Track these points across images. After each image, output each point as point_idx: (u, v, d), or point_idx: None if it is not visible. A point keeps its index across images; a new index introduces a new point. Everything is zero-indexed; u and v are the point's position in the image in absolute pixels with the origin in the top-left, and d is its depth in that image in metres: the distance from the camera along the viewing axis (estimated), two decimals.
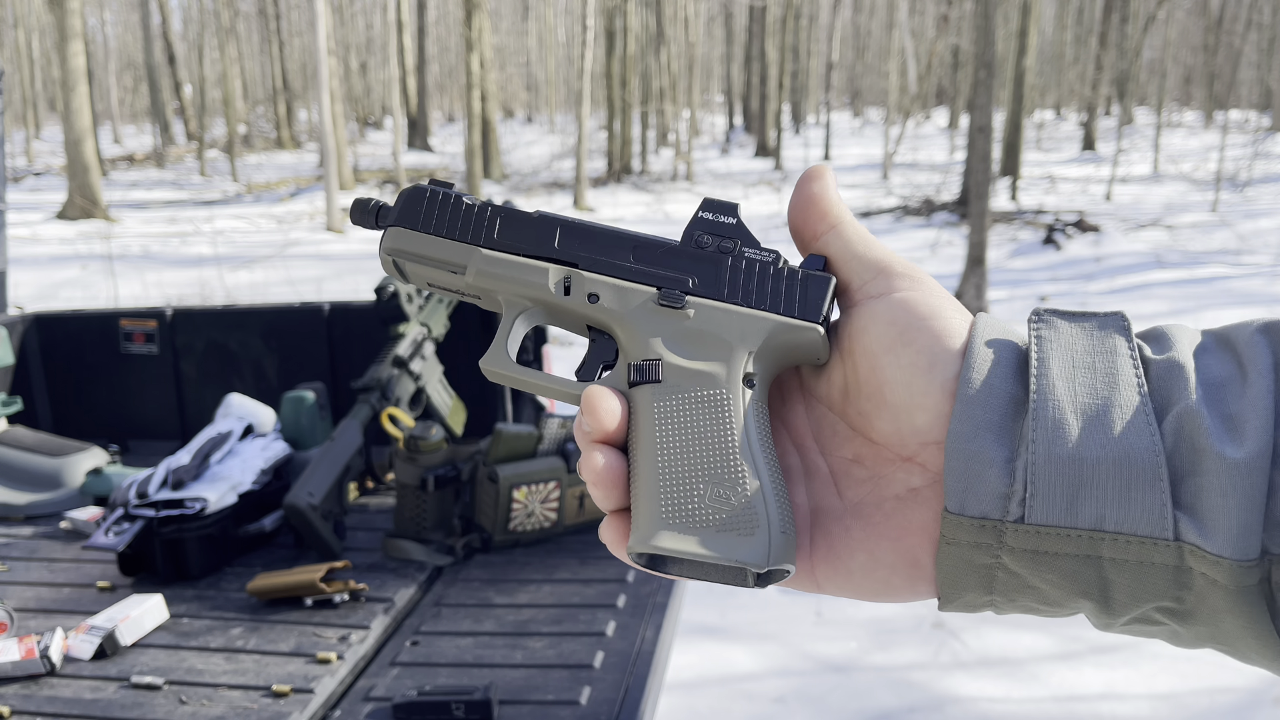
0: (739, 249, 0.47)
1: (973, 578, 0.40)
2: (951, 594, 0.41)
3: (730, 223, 0.48)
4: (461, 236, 0.49)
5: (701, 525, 0.43)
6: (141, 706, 1.62)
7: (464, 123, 15.50)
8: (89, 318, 3.05)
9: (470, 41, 13.74)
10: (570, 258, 0.48)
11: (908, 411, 0.42)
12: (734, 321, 0.46)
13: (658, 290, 0.47)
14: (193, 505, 2.12)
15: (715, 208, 0.48)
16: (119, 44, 47.35)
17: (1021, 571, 0.39)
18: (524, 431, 2.25)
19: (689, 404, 0.45)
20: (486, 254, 0.48)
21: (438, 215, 0.49)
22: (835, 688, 2.99)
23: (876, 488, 0.45)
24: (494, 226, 0.49)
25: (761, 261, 0.47)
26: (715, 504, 0.43)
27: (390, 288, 2.52)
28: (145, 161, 23.37)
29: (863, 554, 0.44)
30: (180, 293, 9.06)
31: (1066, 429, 0.38)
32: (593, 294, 0.47)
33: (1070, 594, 0.39)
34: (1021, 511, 0.38)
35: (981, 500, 0.39)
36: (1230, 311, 8.36)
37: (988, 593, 0.41)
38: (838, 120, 36.10)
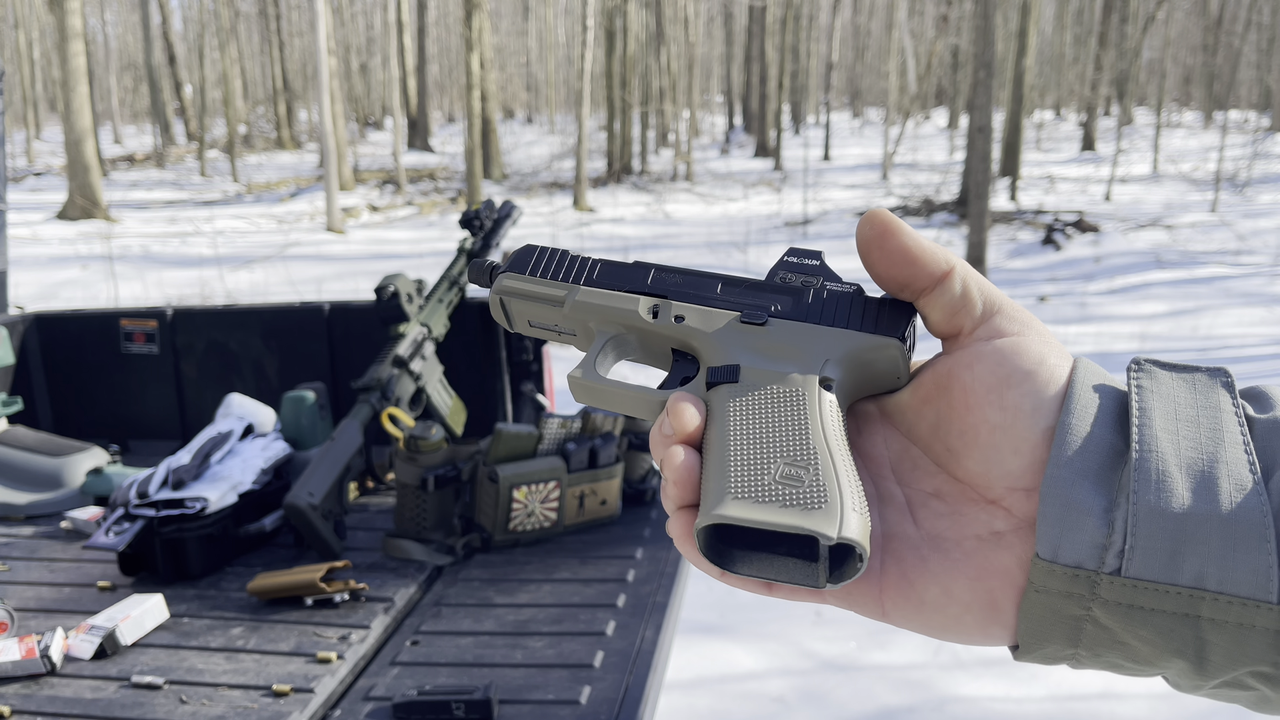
0: (821, 283, 0.50)
1: (1059, 629, 0.39)
2: (1032, 643, 0.40)
3: (813, 264, 0.50)
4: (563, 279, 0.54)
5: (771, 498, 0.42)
6: (142, 706, 1.62)
7: (464, 123, 15.50)
8: (89, 318, 3.05)
9: (470, 41, 13.74)
10: (661, 290, 0.52)
11: (1000, 454, 0.41)
12: (812, 336, 0.48)
13: (739, 313, 0.50)
14: (193, 505, 2.12)
15: (800, 254, 0.51)
16: (119, 44, 47.36)
17: (1113, 626, 0.38)
18: (524, 431, 2.25)
19: (765, 398, 0.46)
20: (584, 289, 0.53)
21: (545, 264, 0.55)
22: (835, 687, 2.99)
23: (956, 524, 0.43)
24: (594, 271, 0.54)
25: (844, 292, 0.49)
26: (786, 480, 0.42)
27: (390, 288, 2.53)
28: (146, 162, 23.37)
29: (937, 588, 0.42)
30: (180, 293, 9.06)
31: (1170, 482, 0.37)
32: (679, 316, 0.51)
33: (1163, 652, 0.38)
34: (1119, 564, 0.37)
35: (1077, 549, 0.38)
36: (1230, 312, 8.36)
37: (1072, 645, 0.40)
38: (837, 120, 36.10)
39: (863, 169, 19.97)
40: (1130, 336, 7.70)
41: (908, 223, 6.50)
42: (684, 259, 10.94)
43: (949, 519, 0.44)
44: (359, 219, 14.22)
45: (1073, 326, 8.03)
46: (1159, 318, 8.34)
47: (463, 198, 15.42)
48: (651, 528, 2.35)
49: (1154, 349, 7.33)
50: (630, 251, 11.07)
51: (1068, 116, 33.77)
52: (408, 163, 20.50)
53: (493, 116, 18.51)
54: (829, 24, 24.97)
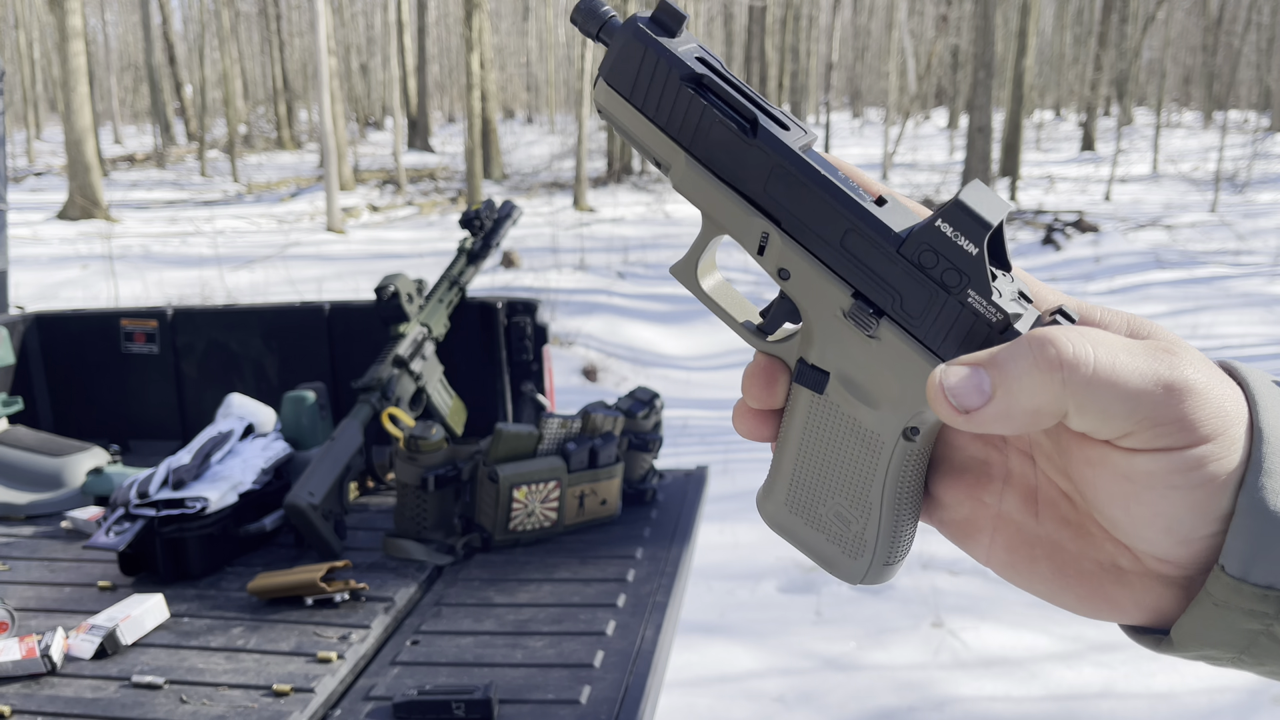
0: (963, 288, 0.40)
1: (1231, 638, 0.37)
2: (1191, 645, 0.38)
3: (970, 252, 0.39)
4: (669, 129, 0.43)
5: (818, 527, 0.45)
6: (142, 706, 1.62)
7: (464, 123, 15.50)
8: (90, 318, 3.05)
9: (470, 42, 13.74)
10: (775, 211, 0.42)
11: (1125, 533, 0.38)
12: (917, 371, 0.41)
13: (851, 298, 0.41)
14: (193, 505, 2.12)
15: (961, 222, 0.39)
16: (120, 44, 47.36)
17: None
18: (524, 431, 2.26)
19: (842, 428, 0.43)
20: (690, 166, 0.43)
21: (650, 88, 0.43)
22: (835, 687, 2.99)
23: (1079, 539, 0.41)
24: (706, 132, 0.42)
25: (981, 316, 0.40)
26: (836, 519, 0.44)
27: (390, 288, 2.53)
28: (146, 162, 23.37)
29: (1042, 586, 0.42)
30: (181, 293, 9.07)
31: None
32: (784, 270, 0.43)
33: None
34: None
35: (1271, 569, 0.35)
36: (1230, 312, 8.36)
37: (1238, 652, 0.38)
38: (837, 120, 36.10)
39: (863, 169, 19.90)
40: None
41: None
42: None
43: (1073, 531, 0.41)
44: (359, 219, 14.22)
45: None
46: (1159, 318, 8.34)
47: (463, 198, 15.42)
48: (651, 528, 2.35)
49: None
50: (630, 251, 11.07)
51: (1067, 116, 33.77)
52: (408, 163, 20.49)
53: (493, 116, 18.51)
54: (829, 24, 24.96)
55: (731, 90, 0.42)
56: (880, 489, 0.43)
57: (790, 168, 0.42)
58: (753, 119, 0.42)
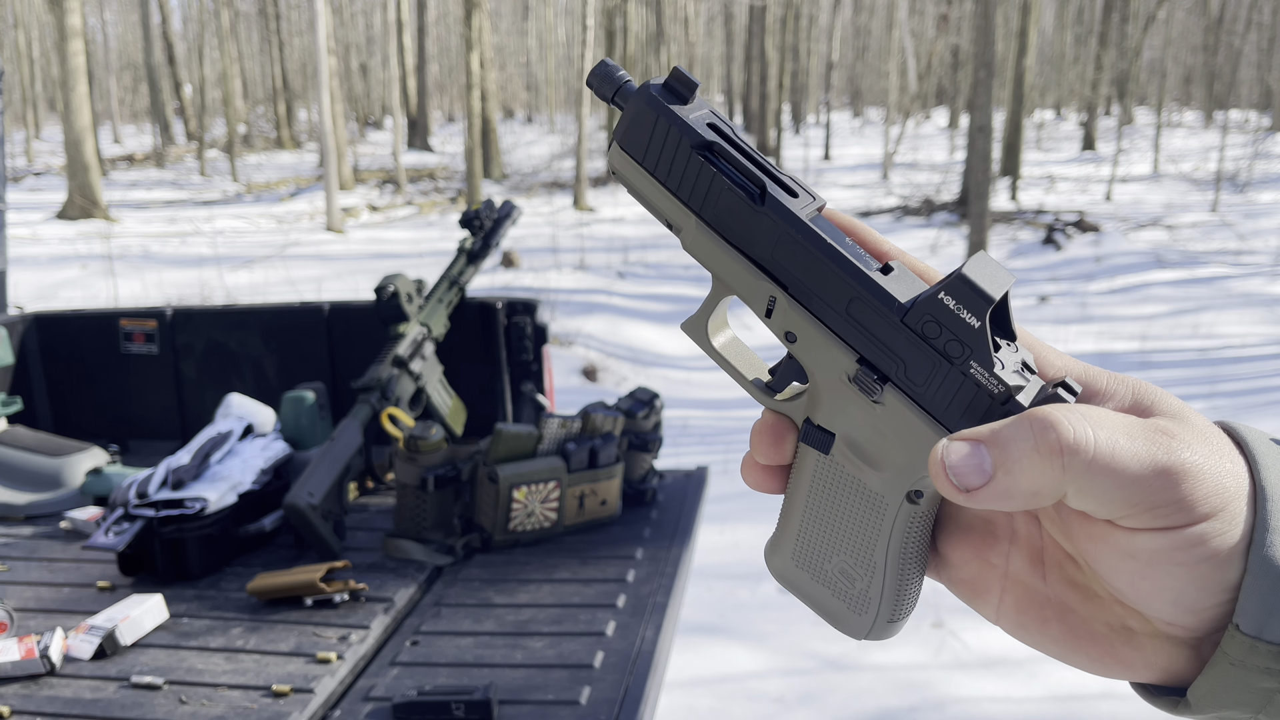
0: (965, 360, 0.40)
1: (1247, 697, 0.37)
2: (1209, 705, 0.38)
3: (972, 325, 0.40)
4: (679, 192, 0.44)
5: (824, 583, 0.46)
6: (141, 706, 1.62)
7: (464, 122, 15.50)
8: (89, 318, 3.05)
9: (470, 41, 13.74)
10: (782, 276, 0.43)
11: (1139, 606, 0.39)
12: (921, 436, 0.41)
13: (856, 364, 0.42)
14: (193, 505, 2.12)
15: (964, 296, 0.39)
16: (119, 44, 47.35)
17: None
18: (524, 431, 2.25)
19: (848, 488, 0.44)
20: (700, 230, 0.44)
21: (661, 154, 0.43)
22: (835, 687, 2.99)
23: (1087, 602, 0.41)
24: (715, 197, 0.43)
25: (984, 388, 0.40)
26: (841, 576, 0.45)
27: (390, 288, 2.52)
28: (145, 161, 23.37)
29: (1053, 646, 0.42)
30: (180, 293, 9.06)
31: None
32: (791, 333, 0.43)
33: None
34: None
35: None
36: (1230, 312, 8.36)
37: (1255, 712, 0.38)
38: (837, 120, 36.10)
39: (863, 168, 19.96)
40: (1130, 336, 7.70)
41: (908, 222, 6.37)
42: (684, 258, 10.93)
43: (1080, 594, 0.42)
44: (359, 219, 14.22)
45: (1073, 326, 8.03)
46: (1159, 318, 8.33)
47: (462, 197, 15.42)
48: (651, 528, 2.35)
49: (1154, 349, 7.33)
50: (630, 251, 11.07)
51: (1068, 116, 33.78)
52: (407, 162, 20.50)
53: (492, 116, 18.50)
54: (829, 23, 24.96)
55: (741, 158, 0.43)
56: (885, 548, 0.44)
57: (797, 236, 0.42)
58: (761, 187, 0.43)
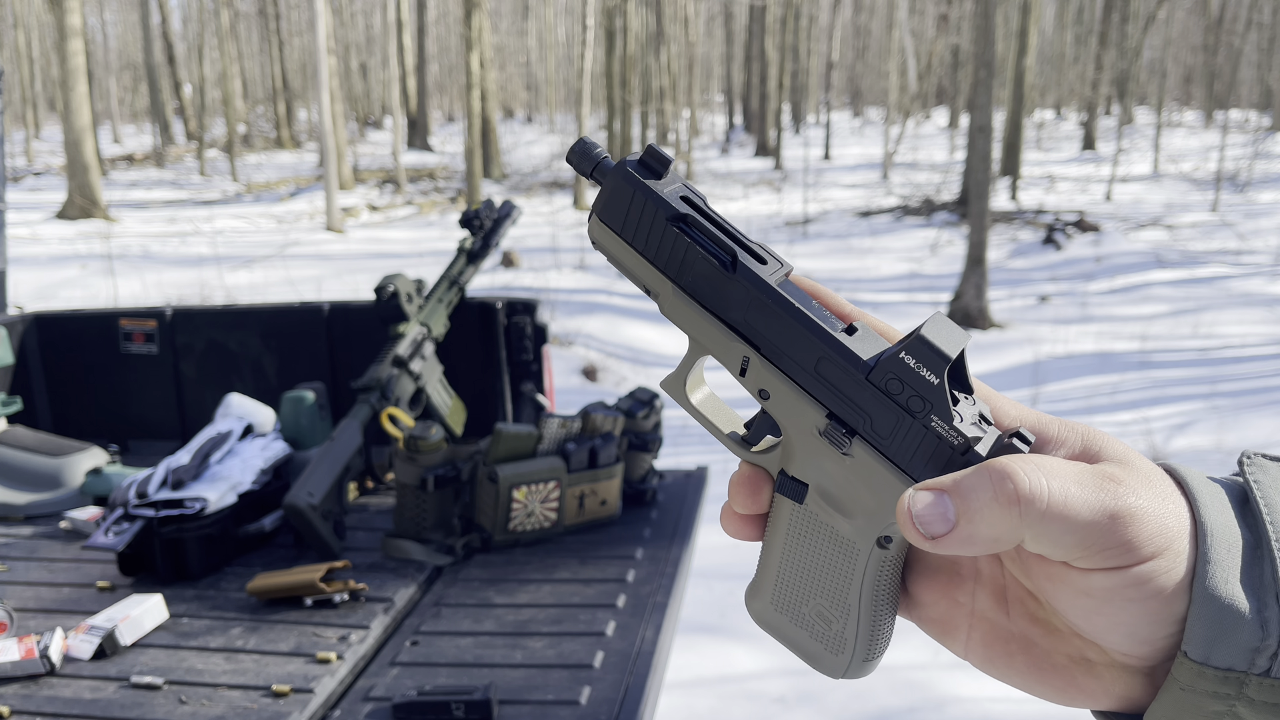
0: (927, 414, 0.43)
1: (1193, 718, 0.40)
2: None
3: (932, 382, 0.43)
4: (657, 262, 0.46)
5: (801, 625, 0.48)
6: (141, 706, 1.62)
7: (464, 122, 15.50)
8: (89, 318, 3.05)
9: (470, 41, 13.74)
10: (754, 338, 0.46)
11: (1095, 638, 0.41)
12: (888, 485, 0.44)
13: (826, 419, 0.45)
14: (192, 505, 2.12)
15: (923, 355, 0.43)
16: (119, 44, 47.35)
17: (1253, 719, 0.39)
18: (524, 431, 2.25)
19: (821, 535, 0.46)
20: (677, 295, 0.47)
21: (638, 225, 0.46)
22: (835, 687, 2.99)
23: (1049, 636, 0.44)
24: (690, 266, 0.46)
25: (944, 440, 0.43)
26: (818, 618, 0.48)
27: (390, 288, 2.52)
28: (145, 161, 23.36)
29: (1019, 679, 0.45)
30: (180, 292, 9.06)
31: None
32: (764, 390, 0.46)
33: None
34: (1269, 665, 0.37)
35: (1230, 653, 0.38)
36: (1230, 312, 8.36)
37: None
38: (838, 120, 36.10)
39: (863, 168, 19.97)
40: (1131, 336, 7.70)
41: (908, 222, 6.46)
42: None
43: (1042, 628, 0.44)
44: (358, 218, 14.22)
45: (1073, 326, 8.03)
46: (1159, 317, 8.34)
47: (462, 197, 15.42)
48: (651, 528, 2.35)
49: (1154, 349, 7.33)
50: None
51: (1068, 116, 33.78)
52: (407, 162, 20.50)
53: (492, 116, 18.51)
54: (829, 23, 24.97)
55: (713, 228, 0.46)
56: (858, 591, 0.46)
57: (767, 300, 0.45)
58: (732, 255, 0.45)
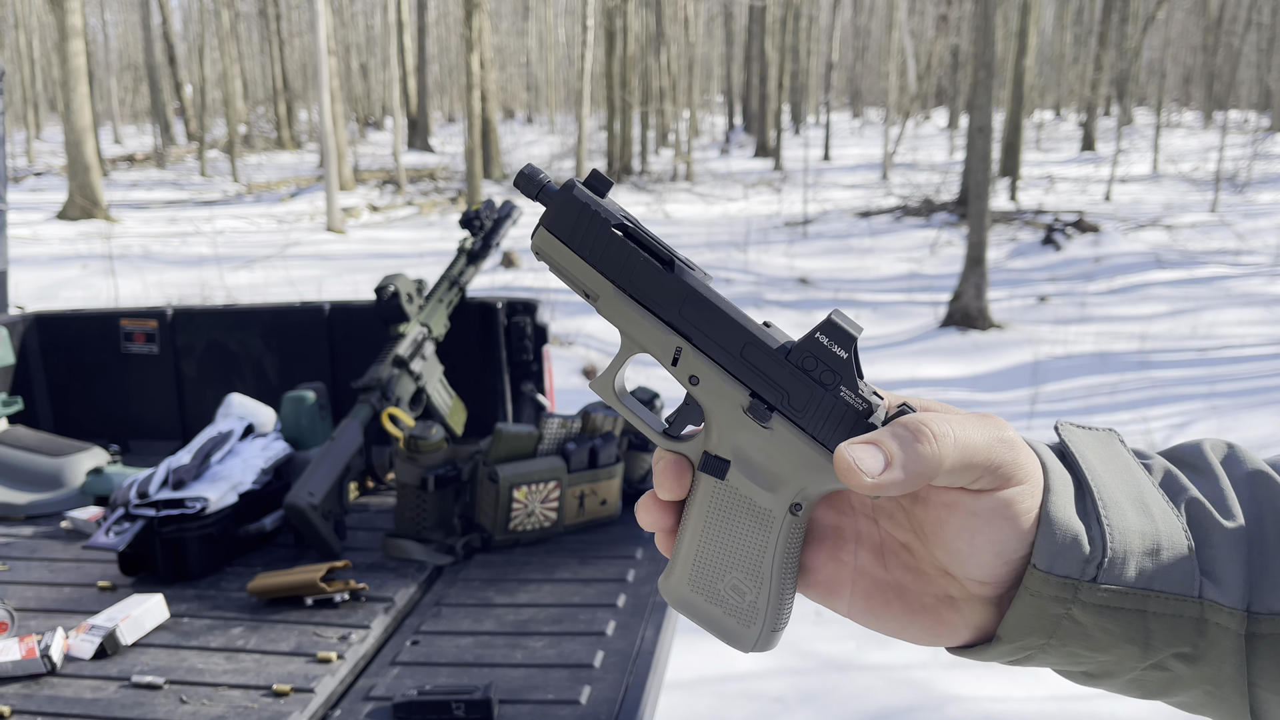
0: (836, 386, 0.50)
1: (1041, 624, 0.48)
2: (1014, 635, 0.49)
3: (841, 356, 0.50)
4: (600, 266, 0.52)
5: (714, 601, 0.52)
6: (142, 706, 1.62)
7: (464, 123, 15.51)
8: (90, 318, 3.05)
9: (470, 41, 13.74)
10: (686, 330, 0.51)
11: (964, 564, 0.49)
12: (803, 454, 0.50)
13: (750, 397, 0.50)
14: (193, 505, 2.12)
15: (835, 335, 0.50)
16: (119, 44, 47.35)
17: (1085, 621, 0.47)
18: (524, 431, 2.25)
19: (739, 508, 0.51)
20: (617, 296, 0.52)
21: (584, 234, 0.52)
22: (835, 687, 2.99)
23: (919, 580, 0.52)
24: (631, 268, 0.51)
25: (852, 407, 0.50)
26: (732, 592, 0.52)
27: (391, 288, 2.53)
28: (146, 162, 23.36)
29: (895, 624, 0.53)
30: (181, 293, 9.07)
31: (1125, 512, 0.48)
32: (694, 376, 0.51)
33: (1119, 640, 0.48)
34: (1095, 574, 0.47)
35: (1067, 563, 0.47)
36: (1229, 312, 8.36)
37: (1047, 636, 0.48)
38: (837, 120, 36.09)
39: (863, 169, 19.97)
40: (1130, 336, 7.70)
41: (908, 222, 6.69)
42: None
43: (914, 574, 0.52)
44: (359, 219, 14.22)
45: (1073, 327, 8.03)
46: (1159, 318, 8.34)
47: (463, 198, 15.42)
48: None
49: (1153, 349, 7.34)
50: None
51: (1068, 116, 33.76)
52: (408, 163, 20.50)
53: (493, 116, 18.51)
54: (829, 24, 24.96)
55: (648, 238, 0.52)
56: (771, 560, 0.51)
57: (702, 295, 0.51)
58: (670, 258, 0.51)
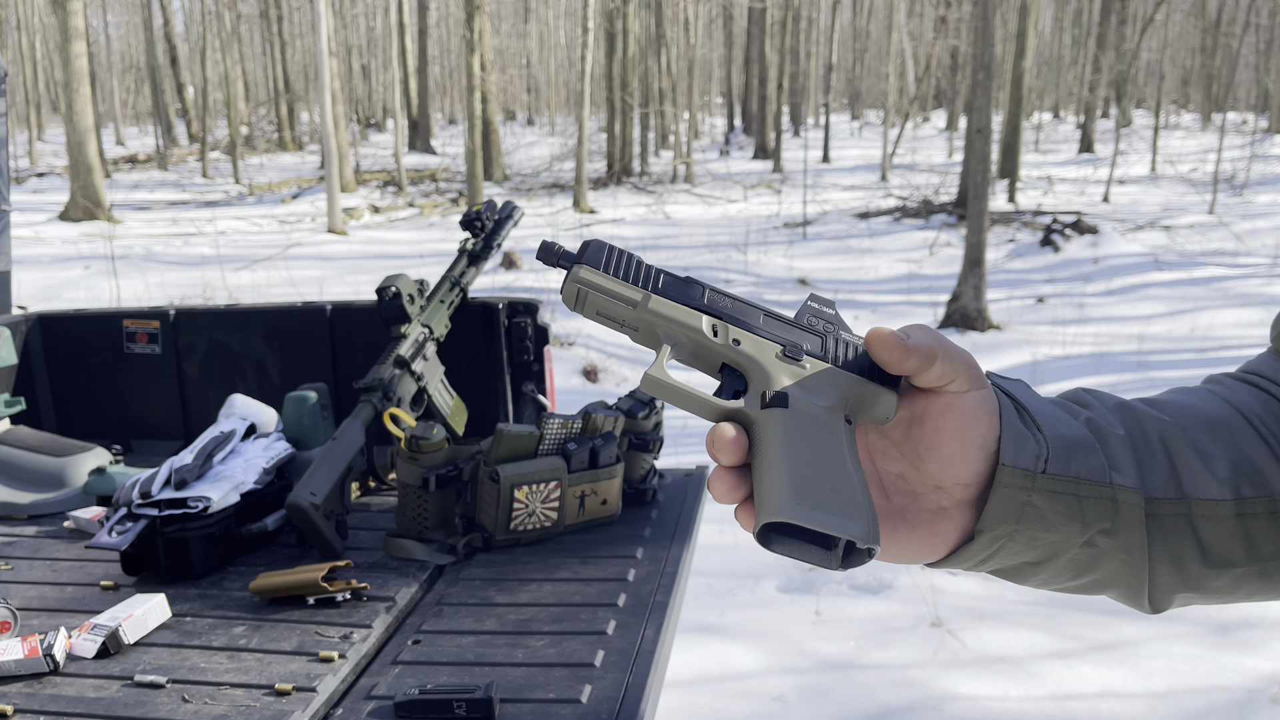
0: (837, 332, 0.63)
1: (1012, 510, 0.60)
2: (993, 524, 0.61)
3: (830, 313, 0.64)
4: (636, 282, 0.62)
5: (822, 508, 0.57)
6: (144, 705, 1.63)
7: (465, 124, 15.51)
8: (92, 318, 3.06)
9: (471, 43, 13.75)
10: (717, 311, 0.63)
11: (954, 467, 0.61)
12: (837, 378, 0.61)
13: (781, 348, 0.62)
14: (196, 504, 2.13)
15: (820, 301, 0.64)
16: (122, 45, 47.36)
17: (1041, 505, 0.60)
18: (525, 431, 2.26)
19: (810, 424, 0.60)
20: (657, 298, 0.62)
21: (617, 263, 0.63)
22: (834, 686, 3.00)
23: (915, 501, 0.63)
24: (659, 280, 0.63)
25: (853, 344, 0.63)
26: (832, 495, 0.57)
27: (392, 289, 2.54)
28: (148, 163, 23.37)
29: (900, 544, 0.62)
30: (183, 293, 9.08)
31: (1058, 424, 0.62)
32: (736, 339, 0.62)
33: (1065, 519, 0.60)
34: (1044, 467, 0.60)
35: (1026, 458, 0.60)
36: (1228, 313, 8.37)
37: (1016, 522, 0.60)
38: (837, 122, 36.08)
39: (862, 170, 19.97)
40: (1129, 337, 7.71)
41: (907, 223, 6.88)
42: (684, 259, 10.95)
43: (910, 498, 0.63)
44: (360, 220, 14.23)
45: (1071, 327, 8.04)
46: (1157, 318, 8.35)
47: (464, 199, 15.43)
48: (652, 527, 2.36)
49: (1152, 349, 7.34)
50: None
51: (1066, 118, 33.76)
52: (409, 164, 20.50)
53: (494, 118, 18.51)
54: (828, 26, 24.97)
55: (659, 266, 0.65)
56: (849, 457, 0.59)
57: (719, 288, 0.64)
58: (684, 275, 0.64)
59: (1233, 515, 0.62)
